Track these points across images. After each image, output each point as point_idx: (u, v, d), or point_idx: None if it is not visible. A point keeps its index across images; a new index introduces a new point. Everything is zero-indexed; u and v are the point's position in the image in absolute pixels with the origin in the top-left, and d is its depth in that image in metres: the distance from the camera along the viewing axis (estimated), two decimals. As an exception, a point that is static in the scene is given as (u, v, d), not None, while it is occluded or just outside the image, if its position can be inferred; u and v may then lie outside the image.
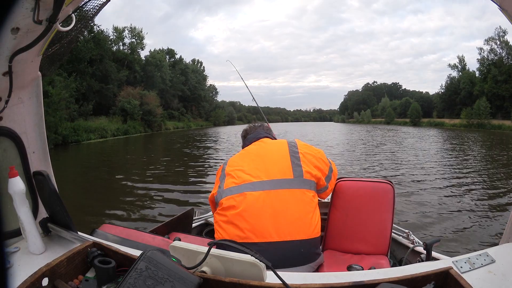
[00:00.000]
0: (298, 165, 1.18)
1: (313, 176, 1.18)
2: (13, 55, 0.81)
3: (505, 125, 34.71)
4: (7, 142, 1.02)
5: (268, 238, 1.05)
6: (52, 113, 16.15)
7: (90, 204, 5.22)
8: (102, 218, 4.41)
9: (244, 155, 1.28)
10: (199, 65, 58.78)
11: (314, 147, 1.31)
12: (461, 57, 50.55)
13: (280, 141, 1.33)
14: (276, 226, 1.06)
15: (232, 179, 1.17)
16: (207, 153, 13.05)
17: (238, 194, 1.11)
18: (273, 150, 1.25)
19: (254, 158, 1.22)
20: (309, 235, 1.09)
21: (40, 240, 0.98)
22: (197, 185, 6.49)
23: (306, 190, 1.14)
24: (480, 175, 7.80)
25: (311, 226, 1.10)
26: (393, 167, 8.91)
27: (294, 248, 1.06)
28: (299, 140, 1.32)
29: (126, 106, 28.10)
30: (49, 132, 15.32)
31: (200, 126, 50.52)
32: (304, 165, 1.18)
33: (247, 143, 1.37)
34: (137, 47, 37.94)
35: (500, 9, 0.86)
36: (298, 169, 1.16)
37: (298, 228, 1.08)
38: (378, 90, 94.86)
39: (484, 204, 5.10)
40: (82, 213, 4.47)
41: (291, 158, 1.19)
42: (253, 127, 1.49)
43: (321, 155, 1.27)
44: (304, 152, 1.23)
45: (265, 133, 1.41)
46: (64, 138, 17.57)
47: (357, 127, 48.40)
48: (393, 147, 15.53)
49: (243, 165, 1.21)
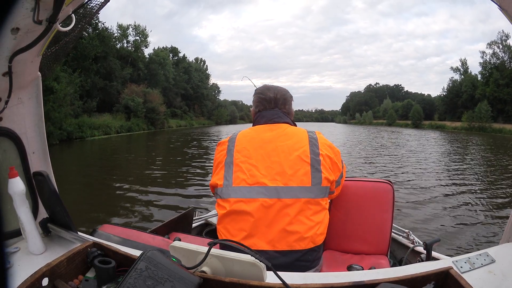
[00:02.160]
0: (318, 170, 1.05)
1: (329, 182, 1.08)
2: (13, 55, 0.81)
3: (506, 129, 34.63)
4: (7, 143, 1.02)
5: (278, 247, 1.00)
6: (57, 108, 16.30)
7: (91, 204, 5.21)
8: (102, 218, 4.40)
9: (256, 141, 1.10)
10: (202, 63, 59.16)
11: (334, 146, 1.16)
12: (463, 60, 50.76)
13: (300, 133, 1.13)
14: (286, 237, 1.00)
15: (243, 175, 1.04)
16: (208, 153, 13.04)
17: (251, 199, 1.01)
18: (293, 147, 1.08)
19: (269, 152, 1.07)
20: (317, 243, 1.05)
21: (40, 240, 0.98)
22: (197, 185, 6.49)
23: (321, 199, 1.05)
24: (480, 176, 7.80)
25: (320, 234, 1.06)
26: (394, 167, 8.91)
27: (302, 257, 1.02)
28: (319, 133, 1.15)
29: (130, 104, 28.32)
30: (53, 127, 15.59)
31: (202, 124, 50.75)
32: (324, 170, 1.06)
33: (260, 121, 1.17)
34: (141, 45, 38.04)
35: (500, 9, 0.86)
36: (318, 176, 1.05)
37: (309, 238, 1.03)
38: (380, 91, 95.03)
39: (484, 204, 5.10)
40: (82, 213, 4.47)
41: (312, 161, 1.05)
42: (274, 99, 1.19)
43: (337, 159, 1.15)
44: (325, 154, 1.09)
45: (284, 115, 1.18)
46: (68, 134, 17.72)
47: (358, 128, 48.39)
48: (394, 148, 15.54)
49: (257, 158, 1.06)
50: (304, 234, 1.01)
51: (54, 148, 14.55)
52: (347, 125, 79.00)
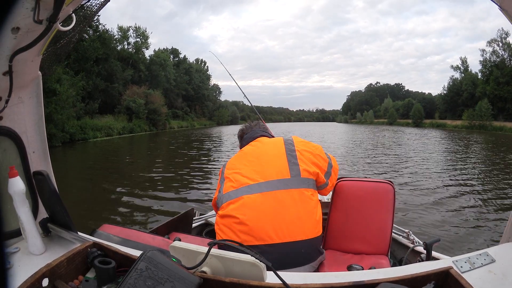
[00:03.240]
0: (295, 163, 1.16)
1: (311, 174, 1.16)
2: (13, 54, 0.81)
3: (507, 127, 34.63)
4: (7, 142, 1.02)
5: (268, 240, 1.04)
6: (60, 110, 16.37)
7: (91, 204, 5.22)
8: (102, 218, 4.40)
9: (241, 156, 1.27)
10: (203, 64, 59.20)
11: (312, 143, 1.29)
12: (463, 59, 50.71)
13: (276, 139, 1.30)
14: (275, 228, 1.05)
15: (230, 183, 1.17)
16: (209, 153, 13.05)
17: (237, 199, 1.11)
18: (269, 150, 1.23)
19: (251, 160, 1.21)
20: (309, 235, 1.08)
21: (40, 241, 0.98)
22: (198, 186, 6.49)
23: (304, 189, 1.12)
24: (480, 175, 7.80)
25: (311, 226, 1.09)
26: (394, 167, 8.91)
27: (294, 249, 1.05)
28: (296, 136, 1.29)
29: (132, 105, 28.44)
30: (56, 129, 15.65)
31: (203, 125, 50.95)
32: (302, 163, 1.16)
33: (244, 143, 1.37)
34: (141, 47, 38.07)
35: (500, 9, 0.85)
36: (295, 168, 1.15)
37: (298, 229, 1.07)
38: (381, 90, 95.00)
39: (484, 204, 5.10)
40: (83, 213, 4.47)
41: (288, 156, 1.17)
42: (249, 126, 1.46)
43: (319, 151, 1.25)
44: (301, 149, 1.21)
45: (262, 131, 1.40)
46: (71, 136, 17.83)
47: (360, 128, 48.40)
48: (394, 147, 15.53)
49: (241, 167, 1.20)
50: (292, 225, 1.06)
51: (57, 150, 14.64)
52: (348, 124, 79.03)
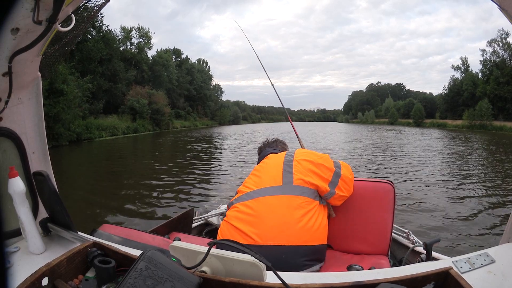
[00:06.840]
0: (289, 172, 1.21)
1: (306, 182, 1.18)
2: (13, 55, 0.81)
3: (507, 127, 34.52)
4: (7, 143, 1.02)
5: (251, 241, 1.07)
6: (67, 110, 16.66)
7: (91, 203, 5.22)
8: (103, 218, 4.40)
9: (251, 172, 1.37)
10: (204, 64, 59.42)
11: (316, 153, 1.31)
12: (464, 59, 50.61)
13: (280, 154, 1.38)
14: (258, 230, 1.08)
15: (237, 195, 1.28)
16: (209, 153, 13.04)
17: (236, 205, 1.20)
18: (271, 163, 1.32)
19: (255, 174, 1.31)
20: (292, 242, 1.05)
21: (40, 240, 0.98)
22: (198, 186, 6.49)
23: (295, 196, 1.14)
24: (481, 175, 7.79)
25: (295, 232, 1.06)
26: (394, 167, 8.90)
27: (273, 253, 1.03)
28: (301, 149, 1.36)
29: (135, 105, 28.62)
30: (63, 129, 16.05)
31: (206, 125, 51.12)
32: (296, 172, 1.21)
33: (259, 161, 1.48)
34: (144, 47, 38.15)
35: (500, 9, 0.85)
36: (289, 176, 1.20)
37: (281, 234, 1.06)
38: (382, 90, 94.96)
39: (484, 204, 5.09)
40: (83, 213, 4.48)
41: (284, 166, 1.24)
42: (266, 144, 1.59)
43: (322, 160, 1.26)
44: (299, 159, 1.25)
45: (272, 149, 1.49)
46: (78, 135, 18.22)
47: (361, 127, 48.37)
48: (395, 147, 15.51)
49: (247, 180, 1.30)
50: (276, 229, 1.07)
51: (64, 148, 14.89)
52: (349, 124, 78.87)
